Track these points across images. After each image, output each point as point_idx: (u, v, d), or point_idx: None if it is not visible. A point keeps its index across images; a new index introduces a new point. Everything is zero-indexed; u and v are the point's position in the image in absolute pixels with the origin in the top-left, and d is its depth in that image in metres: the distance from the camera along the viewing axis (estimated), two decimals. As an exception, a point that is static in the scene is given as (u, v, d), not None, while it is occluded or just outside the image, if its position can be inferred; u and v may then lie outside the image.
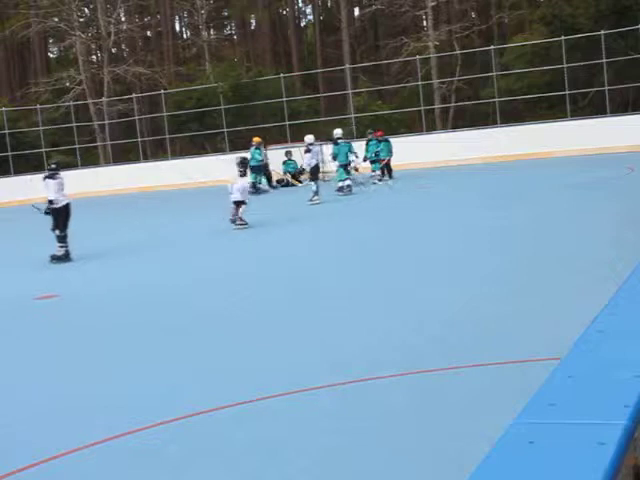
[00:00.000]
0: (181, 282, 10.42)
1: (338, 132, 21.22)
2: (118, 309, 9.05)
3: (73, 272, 12.07)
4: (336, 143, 21.08)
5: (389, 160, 23.65)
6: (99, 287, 10.58)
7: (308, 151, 19.50)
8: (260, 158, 24.61)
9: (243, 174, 15.96)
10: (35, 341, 7.86)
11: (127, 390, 5.93)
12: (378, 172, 22.97)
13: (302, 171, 24.90)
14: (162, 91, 35.68)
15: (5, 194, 29.86)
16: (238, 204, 15.56)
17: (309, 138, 20.00)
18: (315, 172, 19.35)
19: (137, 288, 10.37)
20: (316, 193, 18.86)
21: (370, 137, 23.72)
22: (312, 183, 19.14)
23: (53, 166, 13.72)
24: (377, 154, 23.13)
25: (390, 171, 23.75)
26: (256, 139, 25.16)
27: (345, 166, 20.73)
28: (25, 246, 15.84)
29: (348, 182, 20.59)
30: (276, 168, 26.68)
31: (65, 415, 5.49)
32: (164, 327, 7.81)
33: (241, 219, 15.45)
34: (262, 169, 24.80)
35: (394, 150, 23.81)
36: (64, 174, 13.84)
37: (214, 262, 11.97)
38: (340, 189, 20.37)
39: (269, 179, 25.72)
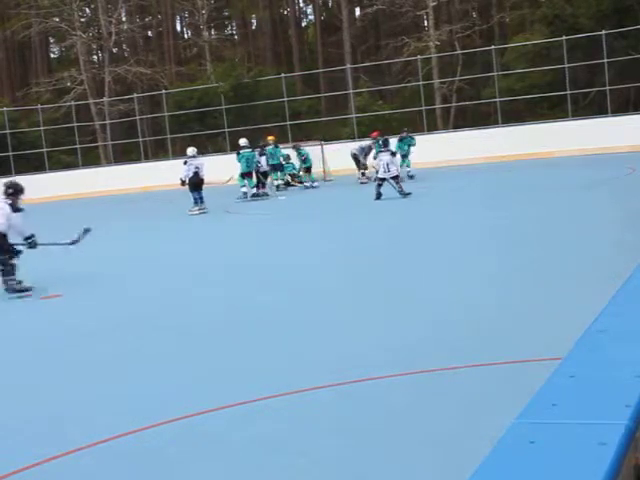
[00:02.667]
0: (180, 284, 10.42)
1: (242, 142, 21.63)
2: (118, 309, 9.05)
3: (76, 272, 12.06)
4: (238, 153, 21.80)
5: None
6: (100, 286, 10.59)
7: (185, 163, 19.80)
8: (284, 155, 25.08)
9: (386, 148, 18.89)
10: (36, 341, 7.86)
11: (127, 390, 5.92)
12: (405, 169, 22.71)
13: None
14: (163, 91, 35.69)
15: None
16: (395, 178, 18.21)
17: (190, 150, 20.26)
18: (195, 183, 19.36)
19: (137, 287, 10.38)
20: (195, 204, 19.17)
21: (404, 134, 23.70)
22: (191, 193, 19.35)
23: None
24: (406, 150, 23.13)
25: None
26: (271, 138, 25.55)
27: (246, 174, 21.50)
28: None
29: (245, 189, 21.39)
30: None
31: (65, 415, 5.49)
32: (164, 327, 7.81)
33: (402, 188, 18.06)
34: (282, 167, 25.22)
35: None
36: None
37: (214, 260, 11.97)
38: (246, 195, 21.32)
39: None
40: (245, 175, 21.63)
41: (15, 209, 10.52)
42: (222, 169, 23.60)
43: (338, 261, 10.92)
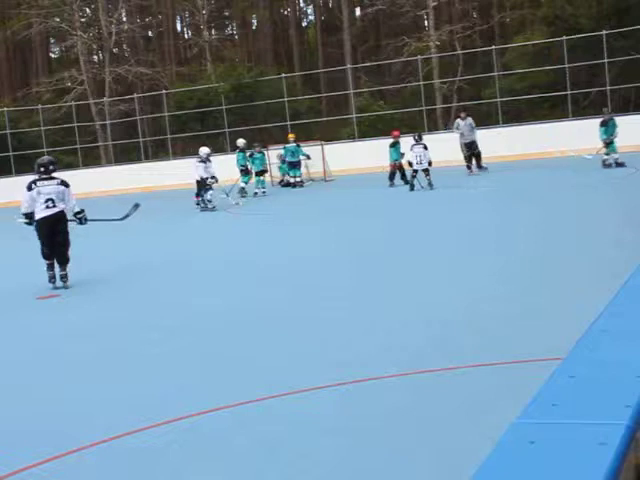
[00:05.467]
0: (180, 283, 10.43)
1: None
2: (117, 309, 9.05)
3: (73, 272, 12.06)
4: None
5: (400, 164, 22.56)
6: (98, 286, 10.59)
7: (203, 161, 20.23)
8: (305, 154, 25.35)
9: (419, 142, 20.06)
10: (35, 341, 7.86)
11: (127, 390, 5.92)
12: (613, 155, 21.03)
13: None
14: (163, 91, 35.69)
15: (6, 194, 29.87)
16: (426, 171, 19.63)
17: (204, 150, 20.57)
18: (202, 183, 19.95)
19: (137, 287, 10.38)
20: (203, 201, 19.80)
21: (606, 118, 22.16)
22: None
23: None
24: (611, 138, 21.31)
25: (403, 174, 22.53)
26: (292, 136, 25.72)
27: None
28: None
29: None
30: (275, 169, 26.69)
31: (65, 415, 5.49)
32: (164, 327, 7.80)
33: (431, 181, 19.48)
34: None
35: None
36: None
37: (213, 260, 11.97)
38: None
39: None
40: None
41: (67, 184, 10.60)
42: (221, 169, 23.61)
43: (337, 261, 10.92)
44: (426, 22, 41.17)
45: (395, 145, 22.34)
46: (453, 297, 7.93)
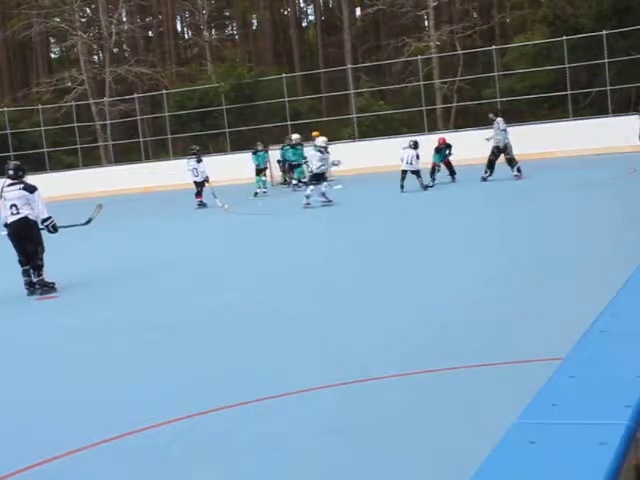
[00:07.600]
0: (180, 284, 10.43)
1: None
2: (117, 309, 9.05)
3: (72, 272, 12.06)
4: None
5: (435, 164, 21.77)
6: (97, 287, 10.59)
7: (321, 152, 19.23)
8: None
9: (414, 147, 19.63)
10: (35, 341, 7.86)
11: (127, 390, 5.92)
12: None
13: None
14: (164, 91, 35.70)
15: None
16: (416, 173, 19.26)
17: (321, 139, 19.65)
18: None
19: (137, 287, 10.37)
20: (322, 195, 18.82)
21: None
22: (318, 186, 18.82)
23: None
24: None
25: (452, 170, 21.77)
26: (317, 133, 25.69)
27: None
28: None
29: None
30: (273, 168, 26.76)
31: (65, 415, 5.48)
32: (163, 327, 7.80)
33: (422, 183, 19.22)
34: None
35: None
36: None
37: (213, 259, 11.97)
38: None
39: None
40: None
41: (32, 189, 10.24)
42: (220, 169, 23.68)
43: (337, 260, 10.91)
44: (426, 22, 41.19)
45: (440, 151, 21.87)
46: (453, 297, 7.93)
